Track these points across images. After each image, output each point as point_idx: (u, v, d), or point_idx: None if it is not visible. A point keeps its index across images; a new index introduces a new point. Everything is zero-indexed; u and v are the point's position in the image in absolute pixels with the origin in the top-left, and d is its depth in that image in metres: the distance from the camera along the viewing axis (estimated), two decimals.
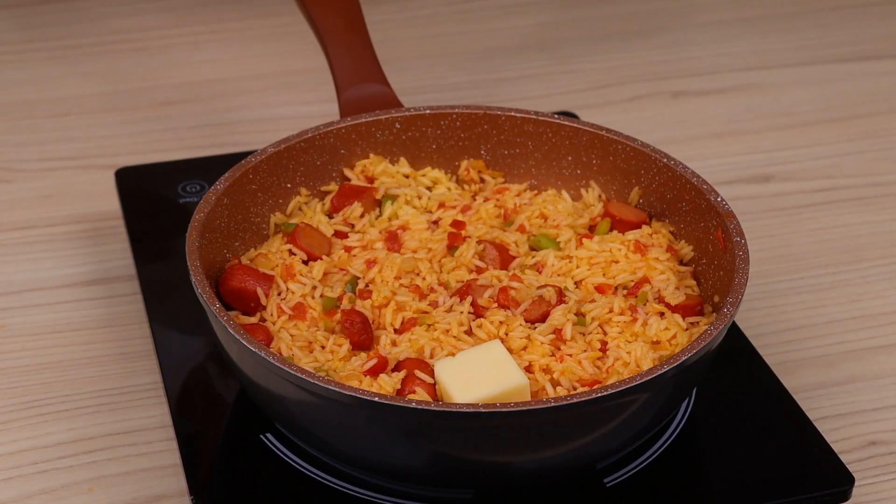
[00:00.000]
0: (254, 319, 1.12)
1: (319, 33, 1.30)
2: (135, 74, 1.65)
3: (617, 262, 1.16)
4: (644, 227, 1.20)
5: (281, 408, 1.06)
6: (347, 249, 1.19)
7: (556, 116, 1.25)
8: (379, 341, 1.10)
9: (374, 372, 1.06)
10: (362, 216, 1.22)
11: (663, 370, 1.00)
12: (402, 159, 1.26)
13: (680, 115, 1.61)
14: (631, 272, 1.15)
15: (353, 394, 0.98)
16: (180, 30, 1.74)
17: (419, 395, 1.03)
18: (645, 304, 1.13)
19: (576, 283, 1.15)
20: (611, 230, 1.20)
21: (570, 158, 1.25)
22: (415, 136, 1.26)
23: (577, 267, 1.15)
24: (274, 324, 1.11)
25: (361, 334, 1.09)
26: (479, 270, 1.15)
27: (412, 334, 1.09)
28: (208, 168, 1.40)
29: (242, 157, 1.20)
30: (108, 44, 1.70)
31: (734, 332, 1.23)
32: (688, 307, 1.12)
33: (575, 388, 1.05)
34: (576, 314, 1.10)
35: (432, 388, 1.05)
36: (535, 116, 1.25)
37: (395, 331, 1.11)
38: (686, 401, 1.16)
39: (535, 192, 1.26)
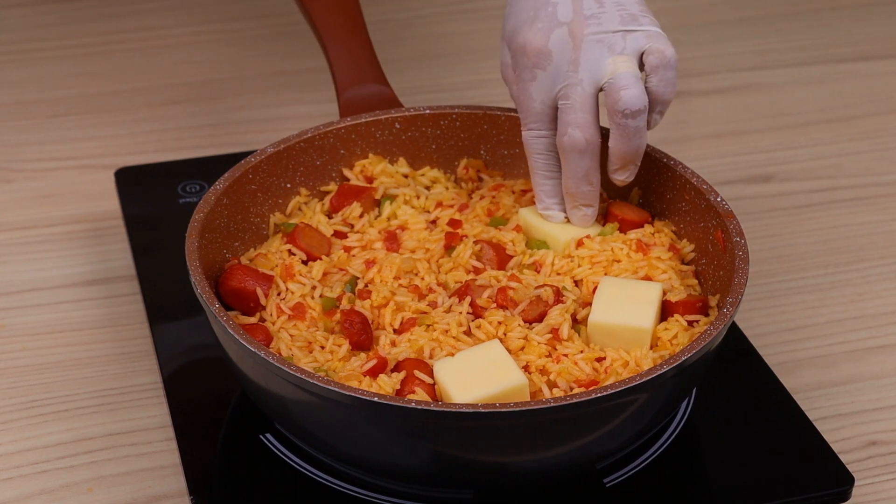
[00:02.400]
0: (253, 319, 1.12)
1: (319, 33, 1.30)
2: (135, 74, 1.65)
3: (619, 261, 1.16)
4: (646, 226, 1.20)
5: (280, 408, 1.06)
6: (347, 249, 1.19)
7: None
8: (378, 341, 1.09)
9: (373, 372, 1.06)
10: (361, 216, 1.22)
11: (663, 370, 1.00)
12: (402, 159, 1.26)
13: (680, 115, 1.60)
14: (633, 271, 1.15)
15: (353, 394, 0.98)
16: (180, 30, 1.74)
17: (419, 396, 1.03)
18: None
19: (575, 282, 1.15)
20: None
21: None
22: (414, 136, 1.26)
23: (579, 266, 1.15)
24: (273, 324, 1.11)
25: (361, 334, 1.09)
26: (477, 271, 1.15)
27: (411, 334, 1.09)
28: (208, 168, 1.40)
29: (242, 157, 1.20)
30: (108, 44, 1.70)
31: (734, 332, 1.23)
32: (689, 304, 1.12)
33: (571, 389, 1.05)
34: (573, 325, 1.10)
35: (432, 389, 1.05)
36: None
37: (395, 331, 1.11)
38: (686, 401, 1.16)
39: None
